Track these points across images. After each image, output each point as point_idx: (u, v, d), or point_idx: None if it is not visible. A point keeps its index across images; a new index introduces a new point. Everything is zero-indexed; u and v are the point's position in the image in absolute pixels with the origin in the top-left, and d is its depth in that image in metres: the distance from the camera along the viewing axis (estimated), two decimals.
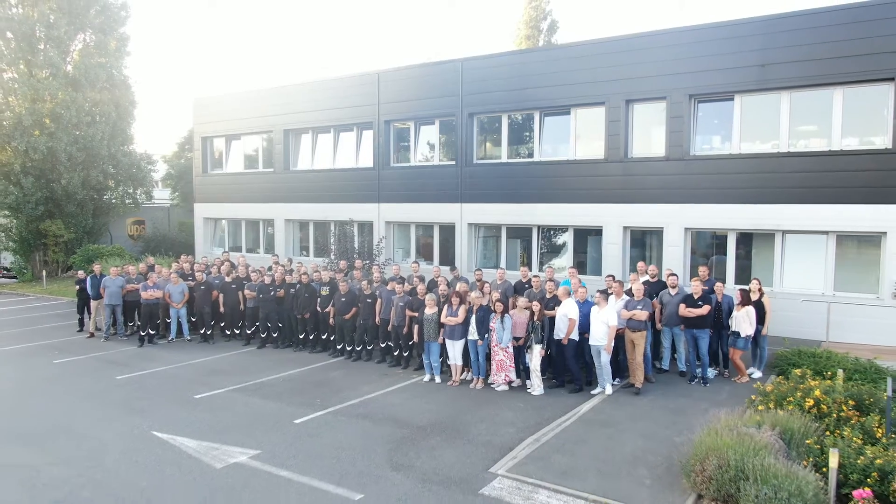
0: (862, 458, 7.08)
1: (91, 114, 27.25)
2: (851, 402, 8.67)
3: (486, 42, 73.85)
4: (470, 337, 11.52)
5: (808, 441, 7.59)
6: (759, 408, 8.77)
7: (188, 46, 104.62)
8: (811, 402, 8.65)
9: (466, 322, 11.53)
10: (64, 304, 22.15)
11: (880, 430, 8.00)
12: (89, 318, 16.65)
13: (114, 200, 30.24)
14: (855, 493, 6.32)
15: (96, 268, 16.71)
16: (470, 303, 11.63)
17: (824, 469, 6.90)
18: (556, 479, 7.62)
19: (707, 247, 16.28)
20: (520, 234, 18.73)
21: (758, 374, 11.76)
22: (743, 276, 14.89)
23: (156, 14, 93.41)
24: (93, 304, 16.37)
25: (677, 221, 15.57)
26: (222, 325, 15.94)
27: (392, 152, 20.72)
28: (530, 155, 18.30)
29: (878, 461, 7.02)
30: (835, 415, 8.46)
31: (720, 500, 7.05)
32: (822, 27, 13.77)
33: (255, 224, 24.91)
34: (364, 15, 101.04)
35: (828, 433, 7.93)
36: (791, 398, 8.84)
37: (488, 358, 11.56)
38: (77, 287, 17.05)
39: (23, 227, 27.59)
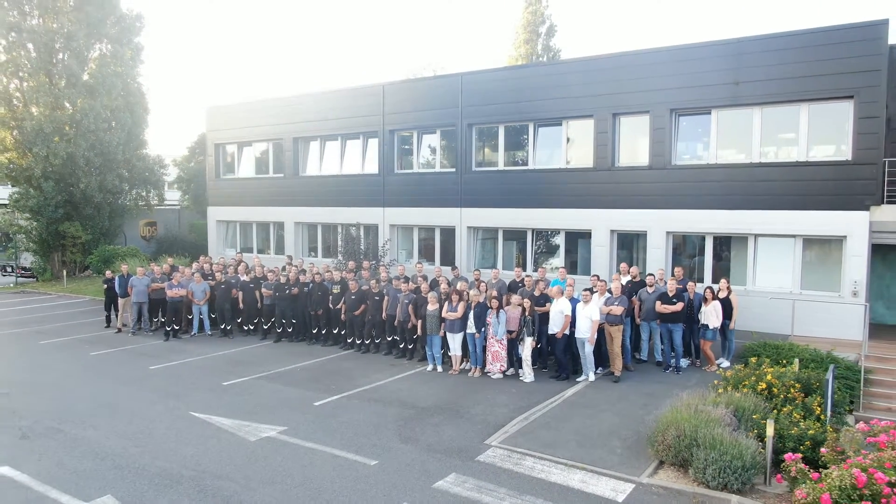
0: (796, 429, 8.45)
1: (107, 120, 28.55)
2: (798, 385, 10.00)
3: (486, 45, 75.13)
4: (468, 330, 12.84)
5: (754, 416, 8.93)
6: (720, 391, 10.11)
7: (196, 52, 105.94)
8: (763, 386, 9.99)
9: (465, 317, 12.86)
10: (86, 303, 23.48)
11: (819, 408, 9.36)
12: (116, 315, 17.99)
13: (128, 203, 31.54)
14: (786, 455, 7.64)
15: (124, 268, 18.08)
16: (468, 299, 12.96)
17: (765, 439, 8.23)
18: (541, 449, 8.98)
19: (689, 248, 17.60)
20: (516, 236, 20.05)
21: (726, 363, 13.07)
22: (719, 276, 16.16)
23: (163, 20, 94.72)
24: (120, 301, 17.68)
25: (659, 225, 16.90)
26: (239, 320, 17.29)
27: (396, 159, 22.02)
28: (525, 163, 19.62)
29: (810, 432, 8.40)
30: (782, 396, 9.80)
31: (677, 464, 8.43)
32: (789, 49, 15.07)
33: (265, 226, 26.22)
34: (364, 14, 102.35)
35: (775, 411, 9.27)
36: (746, 382, 10.17)
37: (485, 349, 12.89)
38: (105, 286, 18.38)
39: (43, 228, 28.89)
